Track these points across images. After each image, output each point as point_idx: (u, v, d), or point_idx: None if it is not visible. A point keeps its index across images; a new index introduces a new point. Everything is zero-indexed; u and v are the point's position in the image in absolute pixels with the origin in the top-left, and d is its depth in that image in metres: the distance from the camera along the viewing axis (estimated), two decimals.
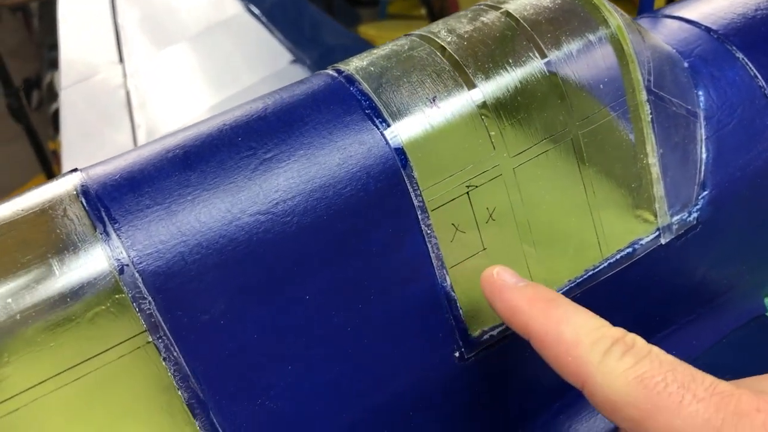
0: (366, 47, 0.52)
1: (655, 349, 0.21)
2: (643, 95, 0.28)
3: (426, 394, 0.26)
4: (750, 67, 0.31)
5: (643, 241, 0.29)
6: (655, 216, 0.29)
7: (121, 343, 0.20)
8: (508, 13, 0.27)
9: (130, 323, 0.21)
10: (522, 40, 0.26)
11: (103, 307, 0.20)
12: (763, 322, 0.34)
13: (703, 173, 0.30)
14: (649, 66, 0.28)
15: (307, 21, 0.72)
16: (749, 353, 0.33)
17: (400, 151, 0.23)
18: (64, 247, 0.20)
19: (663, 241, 0.29)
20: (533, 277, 0.27)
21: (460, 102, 0.24)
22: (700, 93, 0.31)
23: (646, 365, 0.21)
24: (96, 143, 0.59)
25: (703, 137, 0.30)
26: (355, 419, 0.24)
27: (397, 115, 0.24)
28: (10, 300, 0.20)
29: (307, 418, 0.23)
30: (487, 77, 0.25)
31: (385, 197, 0.23)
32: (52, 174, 1.41)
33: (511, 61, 0.25)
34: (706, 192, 0.30)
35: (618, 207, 0.28)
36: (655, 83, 0.28)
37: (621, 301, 0.30)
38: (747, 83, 0.32)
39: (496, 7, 0.27)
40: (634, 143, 0.28)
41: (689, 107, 0.30)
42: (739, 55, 0.32)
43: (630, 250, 0.29)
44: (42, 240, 0.20)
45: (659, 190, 0.29)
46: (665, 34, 0.33)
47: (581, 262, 0.28)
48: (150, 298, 0.20)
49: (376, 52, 0.27)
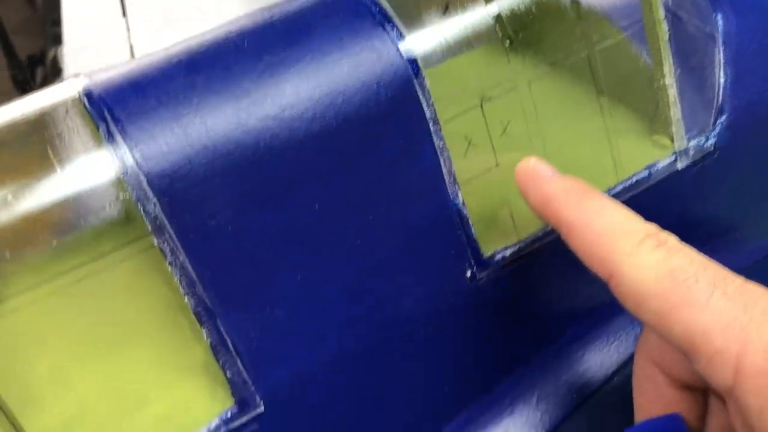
0: None
1: (688, 247, 0.21)
2: (661, 12, 0.27)
3: (436, 313, 0.25)
4: None
5: (659, 166, 0.28)
6: (672, 140, 0.28)
7: (125, 245, 0.20)
8: None
9: (135, 225, 0.20)
10: None
11: (106, 208, 0.20)
12: None
13: (720, 98, 0.29)
14: None
15: None
16: None
17: (412, 60, 0.23)
18: (66, 147, 0.20)
19: (679, 166, 0.29)
20: None
21: (475, 12, 0.24)
22: (719, 16, 0.30)
23: (679, 260, 0.20)
24: None
25: (722, 61, 0.30)
26: (363, 334, 0.24)
27: (409, 22, 0.23)
28: (11, 198, 0.19)
29: (316, 331, 0.23)
30: None
31: (397, 107, 0.23)
32: None
33: None
34: (723, 117, 0.29)
35: (634, 130, 0.28)
36: (674, 2, 0.28)
37: None
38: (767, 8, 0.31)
39: None
40: (651, 63, 0.27)
41: (707, 29, 0.29)
42: None
43: (646, 174, 0.28)
44: (44, 140, 0.20)
45: (676, 112, 0.28)
46: None
47: (596, 184, 0.27)
48: (155, 200, 0.20)
49: None
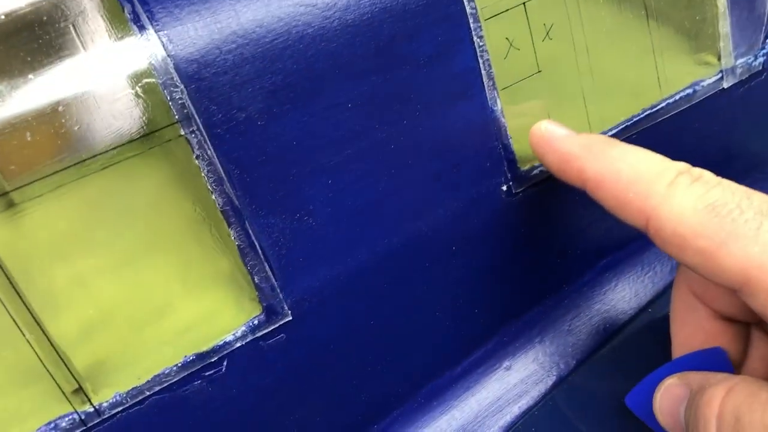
0: None
1: (726, 181, 0.19)
2: None
3: (470, 227, 0.24)
4: None
5: (704, 83, 0.27)
6: (719, 57, 0.27)
7: (150, 133, 0.19)
8: None
9: (161, 113, 0.19)
10: None
11: (130, 93, 0.19)
12: None
13: None
14: None
15: None
16: None
17: None
18: (90, 26, 0.19)
19: (725, 84, 0.27)
20: (588, 110, 0.25)
21: None
22: None
23: (718, 193, 0.19)
24: None
25: None
26: (394, 245, 0.23)
27: None
28: (32, 77, 0.18)
29: (347, 239, 0.22)
30: None
31: (435, 0, 0.21)
32: None
33: None
34: None
35: (681, 45, 0.26)
36: None
37: (678, 147, 0.28)
38: None
39: None
40: None
41: None
42: None
43: (690, 91, 0.27)
44: (66, 17, 0.19)
45: (725, 26, 0.27)
46: None
47: (639, 100, 0.26)
48: (182, 86, 0.19)
49: None
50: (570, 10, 0.23)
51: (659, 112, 0.26)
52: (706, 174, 0.20)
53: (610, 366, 0.27)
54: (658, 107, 0.26)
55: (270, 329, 0.21)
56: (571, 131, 0.22)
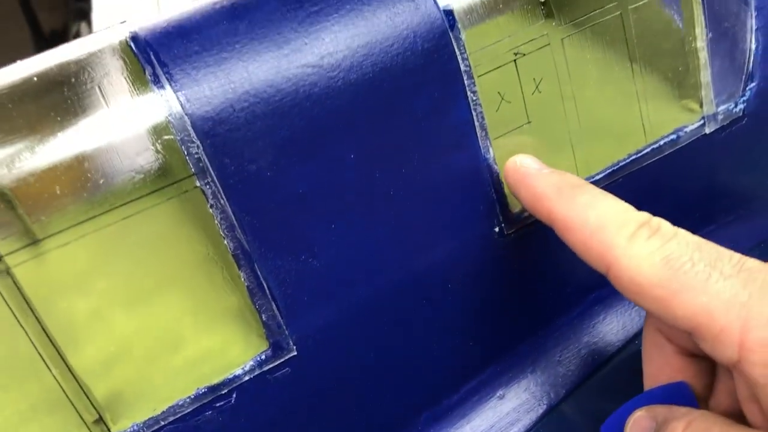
0: None
1: (681, 231, 0.21)
2: None
3: (465, 266, 0.26)
4: None
5: (687, 129, 0.28)
6: (701, 104, 0.29)
7: (169, 185, 0.21)
8: None
9: (178, 166, 0.21)
10: None
11: (151, 149, 0.20)
12: None
13: (751, 64, 0.30)
14: None
15: None
16: None
17: (448, 12, 0.23)
18: (114, 86, 0.20)
19: (707, 130, 0.29)
20: (576, 156, 0.26)
21: None
22: None
23: (673, 246, 0.20)
24: None
25: (753, 27, 0.30)
26: (393, 284, 0.24)
27: None
28: (58, 137, 0.20)
29: (348, 279, 0.23)
30: None
31: (432, 58, 0.23)
32: None
33: None
34: (753, 83, 0.30)
35: (664, 93, 0.28)
36: None
37: (662, 190, 0.29)
38: None
39: None
40: (683, 26, 0.28)
41: None
42: None
43: (674, 136, 0.28)
44: (92, 79, 0.20)
45: (706, 76, 0.28)
46: None
47: (625, 145, 0.27)
48: (198, 142, 0.21)
49: None
50: (558, 64, 0.25)
51: (644, 157, 0.28)
52: (664, 225, 0.21)
53: (598, 395, 0.29)
54: (643, 152, 0.28)
55: (276, 363, 0.23)
56: (543, 167, 0.24)
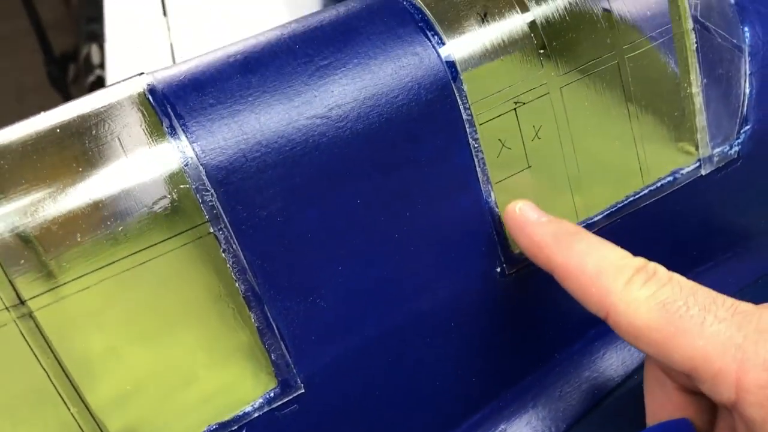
0: None
1: (676, 276, 0.22)
2: (689, 24, 0.28)
3: (467, 306, 0.26)
4: None
5: (684, 171, 0.29)
6: (697, 147, 0.30)
7: (184, 231, 0.22)
8: None
9: (193, 214, 0.22)
10: None
11: (167, 197, 0.21)
12: None
13: (746, 108, 0.30)
14: None
15: None
16: None
17: (451, 64, 0.24)
18: (133, 137, 0.21)
19: (703, 172, 0.30)
20: (575, 199, 0.27)
21: (511, 19, 0.25)
22: (746, 29, 0.31)
23: (668, 291, 0.21)
24: None
25: (747, 72, 0.31)
26: (398, 323, 0.25)
27: (448, 29, 0.24)
28: (78, 186, 0.21)
29: (354, 318, 0.24)
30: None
31: (436, 108, 0.24)
32: None
33: None
34: (748, 126, 0.30)
35: (660, 136, 0.29)
36: (702, 14, 0.29)
37: (660, 230, 0.30)
38: None
39: None
40: (678, 72, 0.29)
41: (734, 41, 0.30)
42: None
43: (671, 178, 0.29)
44: (111, 130, 0.21)
45: (701, 120, 0.29)
46: None
47: (623, 187, 0.28)
48: (212, 191, 0.22)
49: None
50: (557, 112, 0.26)
51: (642, 198, 0.28)
52: (660, 270, 0.22)
53: (599, 430, 0.30)
54: (641, 194, 0.28)
55: (285, 401, 0.24)
56: (542, 214, 0.25)
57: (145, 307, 0.23)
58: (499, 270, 0.27)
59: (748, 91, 0.31)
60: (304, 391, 0.24)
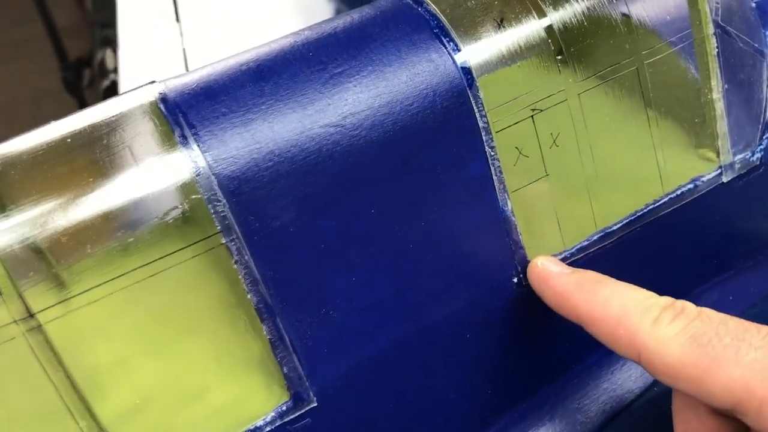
0: None
1: (705, 310, 0.22)
2: (710, 28, 0.27)
3: (483, 316, 0.26)
4: None
5: (704, 178, 0.29)
6: (718, 154, 0.29)
7: (195, 242, 0.21)
8: None
9: (205, 224, 0.21)
10: None
11: (179, 208, 0.21)
12: None
13: (767, 113, 0.30)
14: (716, 1, 0.28)
15: None
16: None
17: (466, 71, 0.24)
18: (144, 147, 0.21)
19: (725, 179, 0.29)
20: (594, 207, 0.27)
21: (528, 25, 0.25)
22: (767, 33, 0.31)
23: (697, 324, 0.21)
24: None
25: None
26: (412, 334, 0.25)
27: (464, 35, 0.24)
28: (90, 195, 0.21)
29: (368, 330, 0.24)
30: (555, 1, 0.25)
31: (451, 116, 0.24)
32: None
33: None
34: None
35: (681, 143, 0.28)
36: (723, 18, 0.28)
37: (681, 238, 0.29)
38: None
39: None
40: (699, 78, 0.28)
41: (756, 45, 0.30)
42: None
43: (691, 186, 0.28)
44: (122, 140, 0.21)
45: (722, 126, 0.28)
46: None
47: (642, 195, 0.28)
48: (224, 201, 0.21)
49: None
50: (575, 119, 0.25)
51: (661, 207, 0.28)
52: (688, 306, 0.22)
53: None
54: (661, 202, 0.28)
55: (297, 414, 0.23)
56: (565, 267, 0.25)
57: (156, 319, 0.23)
58: (515, 280, 0.26)
59: None
60: (317, 404, 0.24)
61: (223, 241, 0.21)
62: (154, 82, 0.23)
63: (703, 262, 0.31)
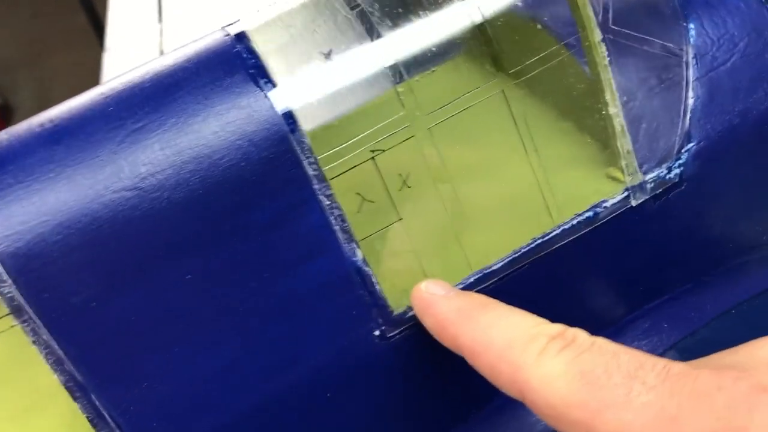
0: None
1: (599, 340, 0.18)
2: (597, 35, 0.24)
3: (345, 374, 0.24)
4: None
5: (607, 204, 0.25)
6: (624, 174, 0.25)
7: None
8: None
9: None
10: None
11: None
12: None
13: (688, 122, 0.26)
14: (605, 2, 0.24)
15: None
16: (760, 326, 0.29)
17: (287, 115, 0.21)
18: None
19: (634, 202, 0.25)
20: (465, 249, 0.24)
21: (361, 55, 0.22)
22: (691, 26, 0.26)
23: (586, 358, 0.18)
24: None
25: (691, 79, 0.26)
26: (259, 402, 0.23)
27: (285, 73, 0.21)
28: None
29: (203, 402, 0.22)
30: (394, 24, 0.22)
31: (273, 166, 0.21)
32: None
33: (425, 3, 0.22)
34: (692, 144, 0.26)
35: (573, 166, 0.25)
36: (617, 20, 0.24)
37: (587, 270, 0.26)
38: (755, 10, 0.27)
39: None
40: (595, 91, 0.24)
41: (669, 45, 0.25)
42: None
43: (590, 214, 0.25)
44: None
45: (625, 144, 0.25)
46: None
47: (528, 229, 0.25)
48: (10, 281, 0.20)
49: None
50: (428, 156, 0.22)
51: (553, 240, 0.25)
52: (580, 336, 0.19)
53: None
54: (551, 235, 0.25)
55: None
56: (450, 289, 0.22)
57: None
58: (377, 333, 0.24)
59: (691, 101, 0.26)
60: None
61: (14, 324, 0.20)
62: None
63: (626, 291, 0.28)
